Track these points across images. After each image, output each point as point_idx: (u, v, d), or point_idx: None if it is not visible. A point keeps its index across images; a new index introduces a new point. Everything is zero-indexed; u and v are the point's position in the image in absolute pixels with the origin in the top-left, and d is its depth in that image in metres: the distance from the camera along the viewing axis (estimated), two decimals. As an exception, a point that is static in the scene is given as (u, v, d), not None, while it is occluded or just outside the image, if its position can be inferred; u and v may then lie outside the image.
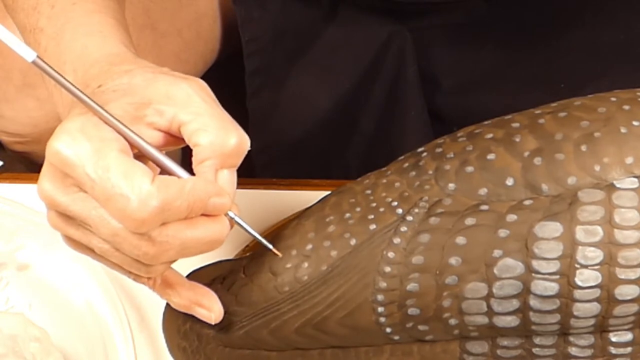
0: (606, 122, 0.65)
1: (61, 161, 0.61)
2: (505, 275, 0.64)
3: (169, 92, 0.64)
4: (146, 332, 0.85)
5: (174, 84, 0.64)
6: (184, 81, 0.65)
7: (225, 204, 0.64)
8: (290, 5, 1.02)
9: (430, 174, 0.67)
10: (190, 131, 0.64)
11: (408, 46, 1.02)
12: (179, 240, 0.62)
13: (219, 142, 0.63)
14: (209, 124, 0.63)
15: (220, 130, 0.63)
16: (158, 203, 0.60)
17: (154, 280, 0.67)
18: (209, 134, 0.63)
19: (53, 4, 0.73)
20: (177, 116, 0.64)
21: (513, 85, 1.03)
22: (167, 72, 0.67)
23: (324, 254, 0.68)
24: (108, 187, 0.60)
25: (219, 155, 0.63)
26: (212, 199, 0.63)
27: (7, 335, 0.78)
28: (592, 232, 0.63)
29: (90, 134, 0.61)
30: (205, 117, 0.63)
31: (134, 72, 0.66)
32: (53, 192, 0.62)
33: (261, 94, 1.04)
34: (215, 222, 0.63)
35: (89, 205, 0.62)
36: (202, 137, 0.63)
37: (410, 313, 0.66)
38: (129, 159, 0.61)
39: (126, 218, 0.60)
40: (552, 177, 0.64)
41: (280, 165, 1.07)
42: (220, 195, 0.63)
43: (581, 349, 0.66)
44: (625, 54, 1.02)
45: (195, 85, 0.65)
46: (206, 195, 0.62)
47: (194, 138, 0.64)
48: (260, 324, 0.69)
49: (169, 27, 1.06)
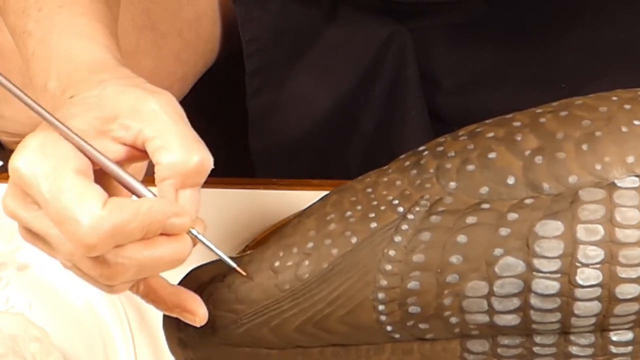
0: (607, 121, 0.65)
1: (20, 179, 0.61)
2: (506, 274, 0.64)
3: (136, 106, 0.63)
4: (146, 332, 0.85)
5: (141, 98, 0.64)
6: (152, 96, 0.64)
7: (185, 224, 0.63)
8: (290, 5, 1.02)
9: (431, 173, 0.67)
10: (153, 148, 0.63)
11: (408, 46, 1.02)
12: (135, 261, 0.61)
13: (180, 162, 0.63)
14: (171, 142, 0.63)
15: (182, 149, 0.63)
16: (109, 228, 0.59)
17: (136, 287, 0.66)
18: (171, 152, 0.63)
19: (40, 7, 0.72)
20: (142, 132, 0.63)
21: (513, 85, 1.03)
22: (139, 84, 0.66)
23: (325, 252, 0.68)
24: (60, 209, 0.59)
25: (179, 174, 0.63)
26: (171, 219, 0.62)
27: (7, 335, 0.78)
28: (593, 230, 0.63)
29: (48, 152, 0.61)
30: (169, 135, 0.63)
31: (107, 83, 0.65)
32: (15, 208, 0.62)
33: (261, 94, 1.04)
34: (175, 241, 0.63)
35: (48, 224, 0.61)
36: (164, 155, 0.63)
37: (411, 311, 0.66)
38: (83, 180, 0.60)
39: (77, 242, 0.59)
40: (553, 176, 0.64)
41: (280, 165, 1.07)
42: (179, 216, 0.62)
43: (582, 348, 0.66)
44: (625, 54, 1.02)
45: (162, 101, 0.64)
46: (163, 215, 0.62)
47: (156, 156, 0.63)
48: (261, 322, 0.69)
49: (169, 28, 1.06)
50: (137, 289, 0.66)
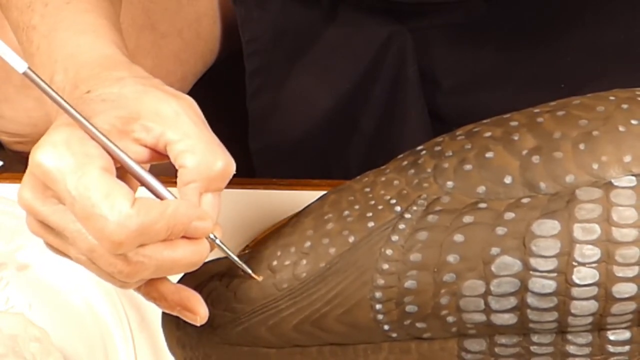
0: (605, 121, 0.65)
1: (43, 173, 0.61)
2: (503, 273, 0.64)
3: (158, 108, 0.64)
4: (146, 332, 0.85)
5: (163, 100, 0.64)
6: (174, 99, 0.64)
7: (207, 228, 0.63)
8: (290, 5, 1.02)
9: (428, 172, 0.67)
10: (176, 151, 0.63)
11: (408, 46, 1.02)
12: (155, 261, 0.62)
13: (205, 166, 0.63)
14: (196, 147, 0.63)
15: (207, 154, 0.63)
16: (137, 226, 0.59)
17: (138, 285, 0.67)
18: (195, 156, 0.63)
19: (47, 3, 0.72)
20: (164, 135, 0.63)
21: (513, 85, 1.03)
22: (158, 85, 0.66)
23: (322, 252, 0.68)
24: (88, 206, 0.59)
25: (204, 178, 0.63)
26: (193, 222, 0.62)
27: (7, 335, 0.79)
28: (589, 230, 0.63)
29: (75, 149, 0.61)
30: (193, 139, 0.63)
31: (125, 81, 0.65)
32: (32, 202, 0.62)
33: (261, 94, 1.04)
34: (195, 244, 0.63)
35: (68, 219, 0.61)
36: (189, 159, 0.63)
37: (408, 310, 0.66)
38: (111, 178, 0.61)
39: (104, 239, 0.60)
40: (550, 175, 0.64)
41: (280, 165, 1.07)
42: (202, 219, 0.63)
43: (579, 347, 0.66)
44: (625, 54, 1.02)
45: (184, 104, 0.64)
46: (187, 219, 0.62)
47: (180, 159, 0.63)
48: (259, 321, 0.69)
49: (169, 28, 1.06)
50: (139, 287, 0.67)
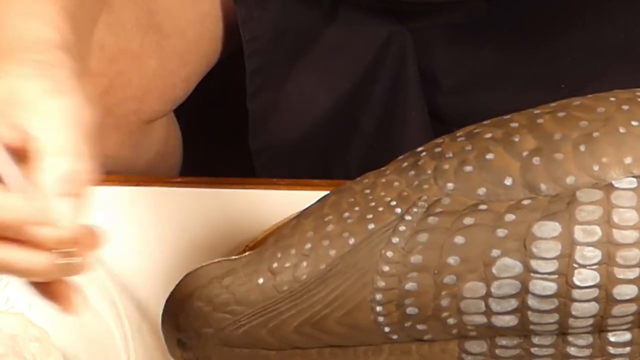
0: (605, 122, 0.65)
1: None
2: (503, 275, 0.64)
3: (36, 99, 0.61)
4: (146, 332, 0.85)
5: (46, 93, 0.61)
6: (57, 95, 0.62)
7: (50, 236, 0.59)
8: (291, 5, 1.02)
9: (429, 174, 0.67)
10: (35, 149, 0.60)
11: (408, 46, 1.02)
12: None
13: (53, 167, 0.59)
14: (48, 147, 0.60)
15: (58, 156, 0.60)
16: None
17: None
18: (47, 156, 0.60)
19: None
20: (30, 129, 0.60)
21: (513, 85, 1.03)
22: (56, 75, 0.63)
23: (322, 253, 0.68)
24: None
25: (54, 179, 0.59)
26: (32, 225, 0.59)
27: (7, 335, 0.79)
28: (590, 231, 0.63)
29: None
30: (51, 139, 0.60)
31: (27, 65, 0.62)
32: None
33: (261, 94, 1.04)
34: (32, 252, 0.60)
35: None
36: (41, 158, 0.59)
37: (408, 312, 0.66)
38: None
39: None
40: (551, 176, 0.64)
41: (280, 165, 1.07)
42: (44, 224, 0.59)
43: (580, 349, 0.66)
44: (625, 54, 1.02)
45: (64, 104, 0.61)
46: (17, 216, 0.58)
47: (35, 159, 0.60)
48: (259, 323, 0.69)
49: (172, 28, 1.06)
50: None
